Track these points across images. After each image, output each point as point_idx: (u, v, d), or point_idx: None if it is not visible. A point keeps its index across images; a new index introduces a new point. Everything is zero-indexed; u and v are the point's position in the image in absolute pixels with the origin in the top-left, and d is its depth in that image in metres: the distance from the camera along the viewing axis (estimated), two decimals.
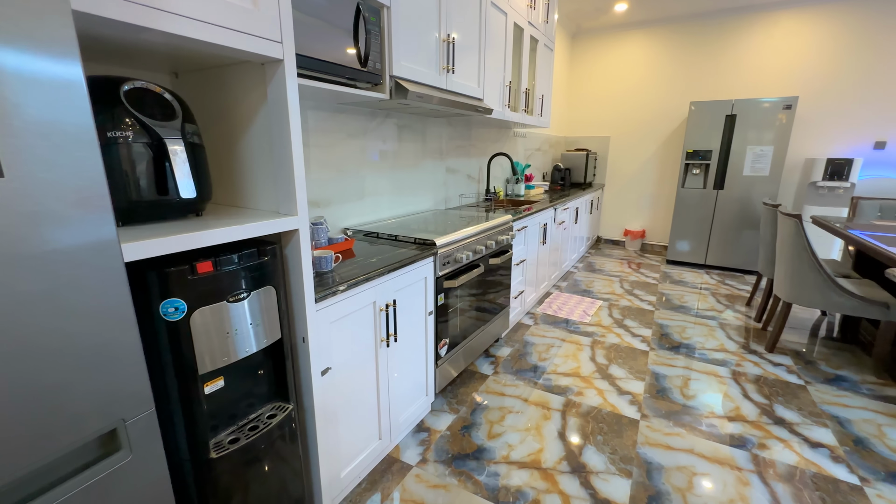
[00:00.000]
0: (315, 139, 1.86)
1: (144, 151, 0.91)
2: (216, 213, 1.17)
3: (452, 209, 2.88)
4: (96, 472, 0.61)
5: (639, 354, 2.61)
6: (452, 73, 2.13)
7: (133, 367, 0.65)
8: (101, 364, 0.61)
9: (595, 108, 5.42)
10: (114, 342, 0.63)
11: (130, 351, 0.65)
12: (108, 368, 0.62)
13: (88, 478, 0.60)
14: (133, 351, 0.65)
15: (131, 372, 0.65)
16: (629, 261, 4.86)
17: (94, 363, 0.60)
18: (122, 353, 0.64)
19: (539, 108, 3.47)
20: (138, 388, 0.66)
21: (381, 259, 1.59)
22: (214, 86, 1.21)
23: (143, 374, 0.67)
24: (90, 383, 0.60)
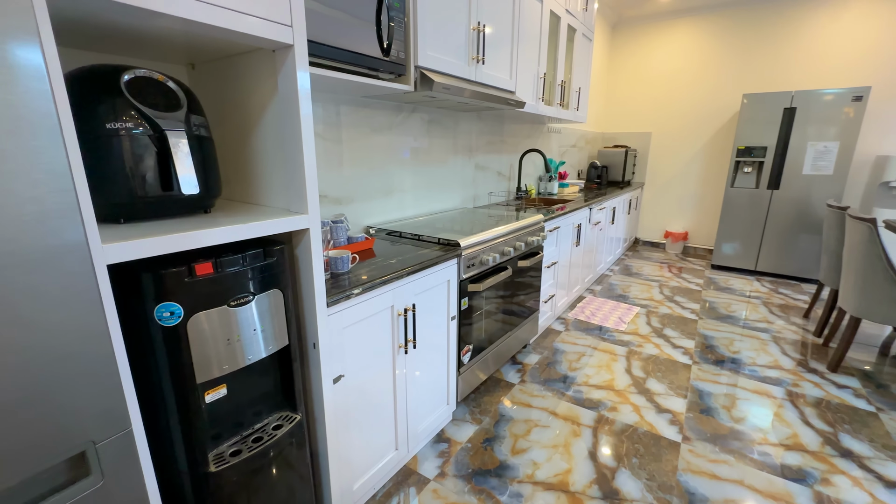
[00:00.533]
0: (336, 134, 1.80)
1: (145, 144, 0.85)
2: (228, 209, 1.12)
3: (481, 207, 2.76)
4: (63, 499, 0.55)
5: (680, 368, 2.40)
6: (482, 63, 2.01)
7: (105, 384, 0.59)
8: (65, 381, 0.55)
9: (636, 102, 5.12)
10: (80, 356, 0.56)
11: (102, 366, 0.59)
12: (74, 386, 0.56)
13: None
14: (105, 366, 0.59)
15: (103, 389, 0.59)
16: (670, 264, 4.57)
17: (55, 380, 0.54)
18: (91, 368, 0.58)
19: (575, 101, 3.29)
20: (112, 407, 0.60)
21: (401, 260, 1.50)
22: (229, 76, 1.15)
23: (117, 392, 0.61)
24: (51, 402, 0.54)
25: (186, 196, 0.91)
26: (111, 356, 0.61)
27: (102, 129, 0.82)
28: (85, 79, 0.83)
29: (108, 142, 0.82)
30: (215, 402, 0.95)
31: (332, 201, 1.84)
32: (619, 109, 5.27)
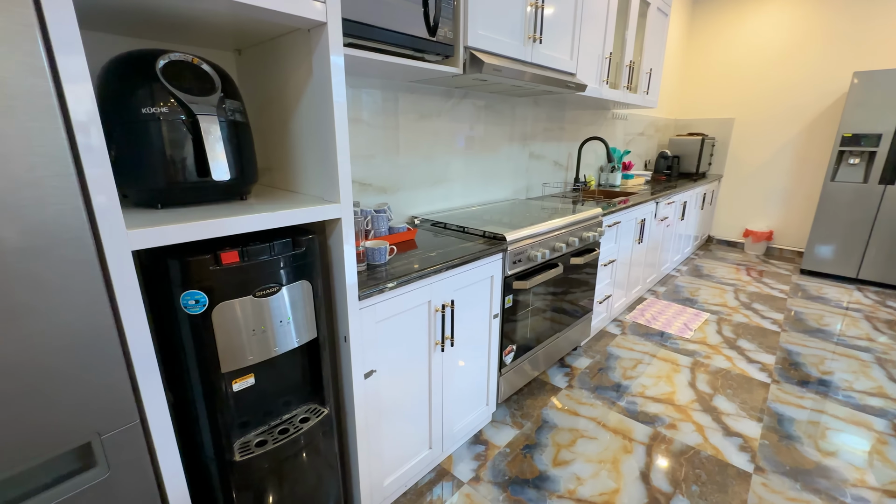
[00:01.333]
0: (382, 121, 1.75)
1: (178, 129, 0.84)
2: (266, 197, 1.10)
3: (534, 199, 2.61)
4: (65, 490, 0.55)
5: (755, 386, 2.12)
6: (540, 43, 1.86)
7: (110, 377, 0.58)
8: (68, 372, 0.54)
9: (717, 85, 4.60)
10: (84, 348, 0.55)
11: (107, 359, 0.57)
12: (77, 377, 0.55)
13: (57, 495, 0.54)
14: (110, 359, 0.58)
15: (108, 381, 0.58)
16: (749, 267, 4.09)
17: (58, 371, 0.53)
18: (96, 360, 0.57)
19: (645, 84, 2.99)
20: (117, 399, 0.59)
21: (442, 254, 1.43)
22: (270, 60, 1.13)
23: (123, 384, 0.60)
24: (53, 393, 0.53)
25: (219, 182, 0.90)
26: (117, 348, 0.60)
27: (138, 114, 0.81)
28: (122, 64, 0.83)
29: (144, 127, 0.82)
30: (243, 391, 0.94)
31: (376, 190, 1.81)
32: (696, 93, 4.76)
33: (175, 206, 0.91)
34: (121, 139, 0.83)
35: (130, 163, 0.83)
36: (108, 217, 0.67)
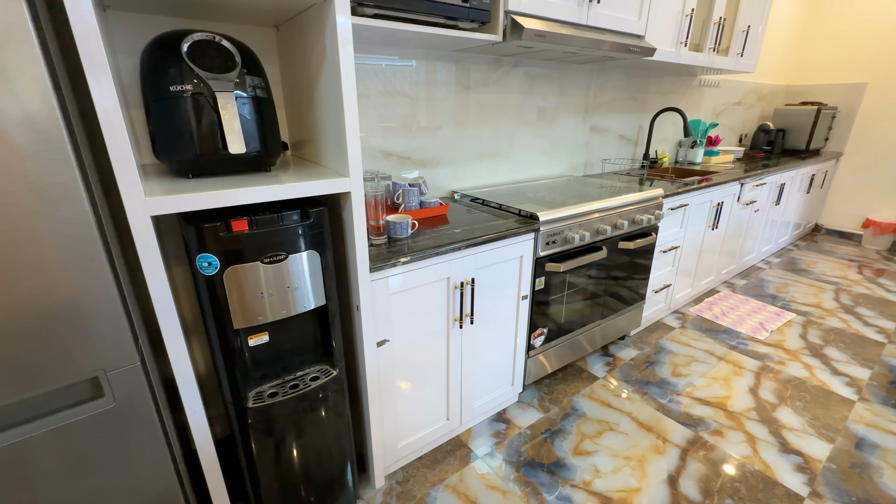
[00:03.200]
0: (423, 92, 1.73)
1: (200, 105, 0.91)
2: (292, 168, 1.17)
3: (592, 176, 2.44)
4: (79, 413, 0.67)
5: (835, 402, 1.83)
6: (598, 2, 1.68)
7: (112, 323, 0.68)
8: (76, 317, 0.65)
9: (846, 43, 3.80)
10: (86, 297, 0.65)
11: (108, 307, 0.67)
12: (84, 322, 0.65)
13: (74, 415, 0.66)
14: (111, 307, 0.67)
15: (110, 327, 0.68)
16: (862, 263, 3.46)
17: (67, 316, 0.64)
18: (97, 308, 0.66)
19: (739, 45, 2.57)
20: (119, 343, 0.69)
21: (467, 231, 1.41)
22: (299, 35, 1.16)
23: (124, 330, 0.70)
24: (64, 333, 0.64)
25: (239, 155, 0.97)
26: (116, 301, 0.69)
27: (167, 91, 0.90)
28: (155, 46, 0.91)
29: (172, 103, 0.90)
30: (259, 346, 1.04)
31: (415, 163, 1.82)
32: (818, 54, 3.99)
33: (204, 177, 1.01)
34: (156, 115, 0.93)
35: (164, 136, 0.93)
36: (130, 187, 0.76)
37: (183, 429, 1.24)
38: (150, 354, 0.99)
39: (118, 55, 1.13)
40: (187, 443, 1.26)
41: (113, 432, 0.73)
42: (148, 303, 1.15)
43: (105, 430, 0.72)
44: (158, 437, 0.80)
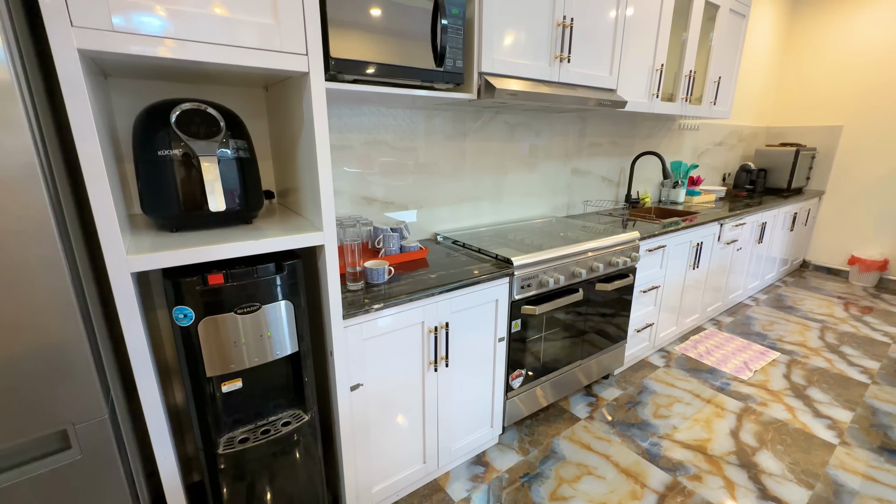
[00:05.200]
0: (407, 142, 1.83)
1: (185, 168, 1.00)
2: (273, 219, 1.24)
3: (574, 217, 2.52)
4: (46, 465, 0.71)
5: (816, 445, 1.83)
6: (568, 62, 1.80)
7: (83, 378, 0.73)
8: (47, 374, 0.70)
9: (822, 89, 3.99)
10: (58, 355, 0.71)
11: (80, 363, 0.72)
12: (55, 379, 0.70)
13: (41, 467, 0.70)
14: (83, 366, 0.73)
15: (81, 382, 0.73)
16: (848, 301, 3.49)
17: (39, 373, 0.69)
18: (70, 367, 0.72)
19: (712, 94, 2.71)
20: (89, 397, 0.74)
21: (442, 276, 1.47)
22: (284, 97, 1.26)
23: (93, 385, 0.75)
24: (35, 389, 0.69)
25: (221, 211, 1.04)
26: (88, 358, 0.74)
27: (155, 155, 0.98)
28: (146, 114, 1.00)
29: (159, 166, 0.99)
30: (232, 392, 1.08)
31: (399, 208, 1.90)
32: (795, 98, 4.17)
33: (187, 230, 1.08)
34: (144, 175, 1.01)
35: (151, 195, 1.01)
36: (112, 247, 0.83)
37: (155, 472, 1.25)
38: (122, 401, 1.03)
39: (116, 117, 1.23)
40: (160, 486, 1.27)
41: (78, 483, 0.77)
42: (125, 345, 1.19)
43: (70, 480, 0.76)
44: (123, 487, 0.83)
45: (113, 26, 0.77)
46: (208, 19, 0.86)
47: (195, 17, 0.84)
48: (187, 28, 0.84)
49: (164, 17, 0.81)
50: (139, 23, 0.79)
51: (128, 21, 0.78)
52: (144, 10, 0.80)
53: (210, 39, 0.87)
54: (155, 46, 0.82)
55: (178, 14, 0.83)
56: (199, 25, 0.85)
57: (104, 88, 1.12)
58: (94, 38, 0.76)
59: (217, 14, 0.87)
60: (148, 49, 0.81)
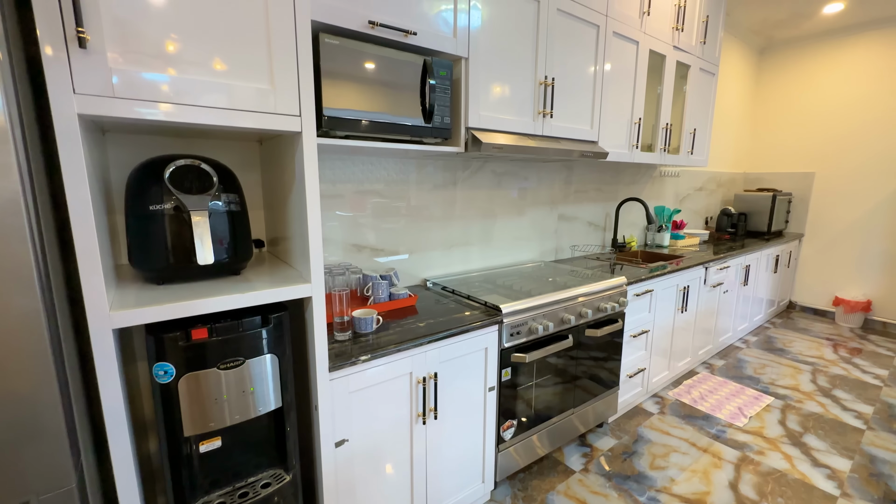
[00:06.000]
0: (396, 191, 1.88)
1: (176, 222, 1.01)
2: (262, 270, 1.25)
3: (562, 262, 2.55)
4: None
5: (818, 497, 1.78)
6: (551, 117, 1.90)
7: (52, 444, 0.70)
8: (12, 443, 0.66)
9: (792, 138, 4.22)
10: (27, 425, 0.68)
11: (49, 434, 0.69)
12: (20, 448, 0.67)
13: None
14: (51, 434, 0.70)
15: (50, 448, 0.70)
16: (837, 342, 3.52)
17: (2, 438, 0.66)
18: (37, 436, 0.69)
19: (688, 145, 2.86)
20: (57, 464, 0.71)
21: (431, 324, 1.46)
22: (277, 151, 1.31)
23: (63, 451, 0.71)
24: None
25: (210, 264, 1.05)
26: (61, 425, 0.72)
27: (147, 210, 1.00)
28: (140, 170, 1.03)
29: (149, 220, 1.00)
30: (210, 452, 1.03)
31: (389, 254, 1.91)
32: (768, 147, 4.40)
33: (173, 283, 1.07)
34: (134, 229, 1.02)
35: (139, 249, 1.01)
36: (95, 302, 0.82)
37: None
38: (93, 465, 0.98)
39: (112, 169, 1.25)
40: None
41: None
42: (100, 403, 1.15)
43: None
44: None
45: (114, 92, 0.81)
46: (206, 85, 0.90)
47: (193, 83, 0.89)
48: (185, 93, 0.88)
49: (164, 83, 0.86)
50: (139, 89, 0.83)
51: (128, 87, 0.82)
52: (145, 77, 0.84)
53: (207, 103, 0.91)
54: (154, 110, 0.85)
55: (177, 80, 0.87)
56: (197, 90, 0.89)
57: (101, 143, 1.15)
58: (95, 104, 0.79)
59: (215, 80, 0.91)
60: (147, 113, 0.85)
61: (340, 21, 1.28)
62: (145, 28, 0.83)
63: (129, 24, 0.81)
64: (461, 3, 1.54)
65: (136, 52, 0.82)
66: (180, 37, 0.87)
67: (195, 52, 0.89)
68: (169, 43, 0.86)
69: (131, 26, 0.82)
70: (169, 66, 0.86)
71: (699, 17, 2.67)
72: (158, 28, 0.84)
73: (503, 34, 1.69)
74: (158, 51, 0.85)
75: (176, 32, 0.86)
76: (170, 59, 0.86)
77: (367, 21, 1.32)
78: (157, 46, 0.85)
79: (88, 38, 0.77)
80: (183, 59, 0.88)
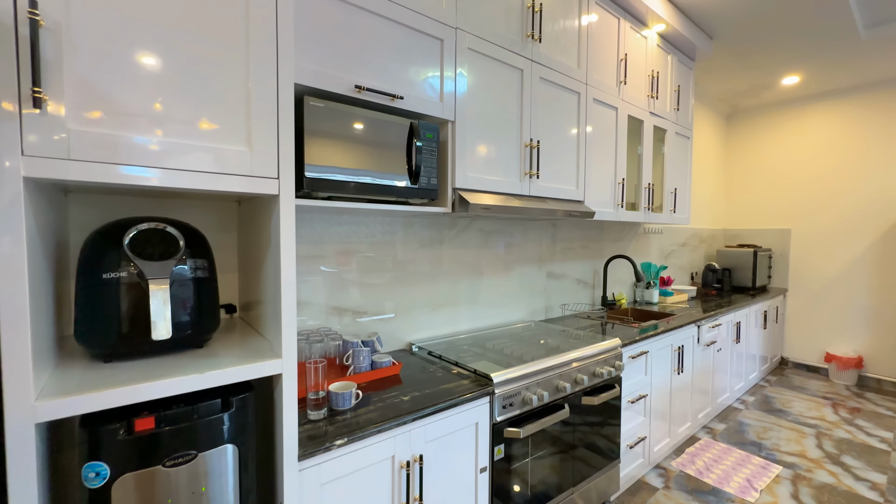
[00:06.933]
0: (382, 251, 1.81)
1: (131, 292, 0.91)
2: (231, 340, 1.13)
3: (552, 321, 2.47)
4: None
5: None
6: (537, 178, 1.91)
7: None
8: None
9: (766, 196, 4.39)
10: None
11: None
12: None
13: None
14: None
15: None
16: (835, 402, 3.41)
17: None
18: None
19: (671, 204, 2.91)
20: None
21: (416, 399, 1.33)
22: (254, 212, 1.24)
23: None
24: None
25: (168, 339, 0.93)
26: None
27: (99, 279, 0.90)
28: (97, 235, 0.94)
29: (102, 289, 0.89)
30: None
31: (372, 316, 1.80)
32: (743, 205, 4.56)
33: (125, 360, 0.95)
34: (82, 299, 0.91)
35: (86, 321, 0.90)
36: (16, 391, 0.69)
37: None
38: None
39: (71, 231, 1.16)
40: None
41: None
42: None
43: None
44: None
45: (70, 154, 0.74)
46: (176, 147, 0.85)
47: (160, 144, 0.83)
48: (151, 155, 0.82)
49: (126, 145, 0.80)
50: (99, 151, 0.77)
51: (88, 149, 0.76)
52: (106, 139, 0.78)
53: (174, 166, 0.84)
54: (112, 174, 0.78)
55: (142, 142, 0.81)
56: (163, 152, 0.83)
57: (60, 204, 1.07)
58: (46, 167, 0.72)
59: (187, 143, 0.86)
60: (105, 176, 0.78)
61: (327, 86, 1.27)
62: (114, 89, 0.78)
63: (96, 86, 0.76)
64: (447, 71, 1.57)
65: (99, 113, 0.77)
66: (150, 99, 0.82)
67: (167, 114, 0.84)
68: (135, 104, 0.81)
69: (98, 88, 0.77)
70: (132, 128, 0.80)
71: (671, 87, 2.83)
72: (128, 89, 0.80)
73: (489, 99, 1.72)
74: (123, 112, 0.79)
75: (146, 94, 0.82)
76: (134, 121, 0.81)
77: (354, 85, 1.32)
78: (124, 108, 0.79)
79: (46, 99, 0.71)
80: (151, 121, 0.82)
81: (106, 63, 0.77)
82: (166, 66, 0.83)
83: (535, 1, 1.88)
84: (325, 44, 1.27)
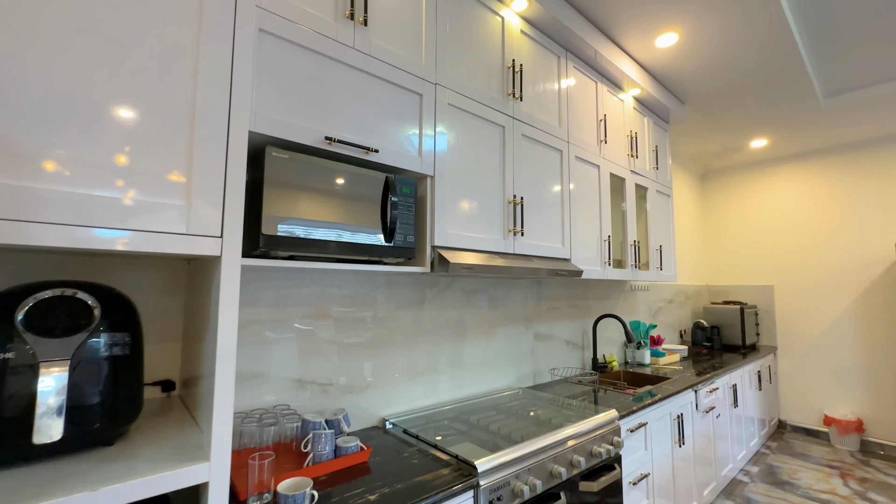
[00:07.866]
0: (353, 314, 1.63)
1: (17, 377, 0.71)
2: (161, 426, 0.92)
3: (541, 387, 2.27)
4: None
5: None
6: (522, 235, 1.81)
7: None
8: None
9: (745, 252, 4.43)
10: None
11: None
12: None
13: None
14: None
15: None
16: (843, 471, 3.19)
17: None
18: None
19: (657, 261, 2.86)
20: None
21: (386, 497, 1.10)
22: (200, 274, 1.08)
23: None
24: None
25: (61, 439, 0.72)
26: None
27: None
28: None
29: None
30: None
31: (341, 389, 1.59)
32: (725, 262, 4.58)
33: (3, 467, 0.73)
34: None
35: None
36: None
37: None
38: None
39: None
40: None
41: None
42: None
43: None
44: None
45: None
46: (90, 201, 0.70)
47: (62, 195, 0.68)
48: (52, 207, 0.67)
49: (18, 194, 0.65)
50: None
51: None
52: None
53: (83, 222, 0.69)
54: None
55: (38, 194, 0.67)
56: (64, 202, 0.69)
57: None
58: None
59: (105, 195, 0.72)
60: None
61: (293, 136, 1.17)
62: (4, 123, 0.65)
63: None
64: (427, 125, 1.51)
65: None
66: (51, 136, 0.69)
67: (78, 155, 0.70)
68: (30, 143, 0.67)
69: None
70: (29, 174, 0.66)
71: (650, 147, 2.88)
72: (22, 123, 0.66)
73: (470, 155, 1.66)
74: (18, 154, 0.65)
75: (51, 132, 0.68)
76: (30, 164, 0.67)
77: (324, 137, 1.23)
78: (19, 149, 0.66)
79: None
80: (59, 163, 0.68)
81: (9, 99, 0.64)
82: (87, 104, 0.71)
83: (515, 62, 1.90)
84: (293, 94, 1.19)
